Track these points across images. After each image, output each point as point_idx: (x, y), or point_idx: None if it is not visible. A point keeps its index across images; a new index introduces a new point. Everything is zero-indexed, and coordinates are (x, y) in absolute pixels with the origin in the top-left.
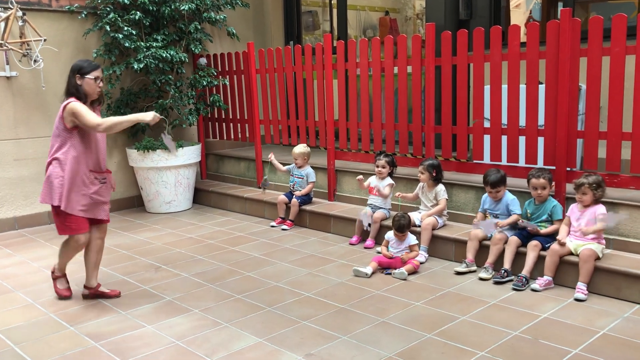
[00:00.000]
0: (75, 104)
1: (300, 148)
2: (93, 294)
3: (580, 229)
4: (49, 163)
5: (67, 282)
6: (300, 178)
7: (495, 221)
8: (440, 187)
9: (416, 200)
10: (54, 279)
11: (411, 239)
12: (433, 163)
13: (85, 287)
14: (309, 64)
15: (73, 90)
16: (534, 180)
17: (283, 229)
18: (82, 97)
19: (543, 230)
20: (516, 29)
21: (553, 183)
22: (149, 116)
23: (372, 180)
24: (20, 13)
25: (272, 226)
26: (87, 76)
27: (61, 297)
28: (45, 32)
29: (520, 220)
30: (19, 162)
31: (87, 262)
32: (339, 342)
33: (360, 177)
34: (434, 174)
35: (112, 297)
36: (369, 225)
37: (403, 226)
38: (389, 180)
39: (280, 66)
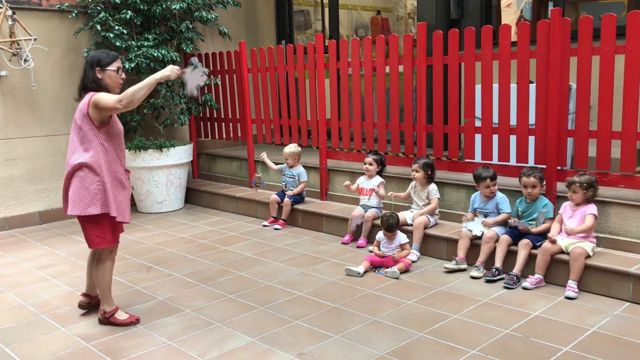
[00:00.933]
0: (98, 94)
1: (291, 148)
2: (95, 303)
3: (566, 229)
4: (77, 168)
5: (123, 311)
6: (291, 178)
7: (482, 220)
8: (433, 187)
9: (408, 199)
10: (109, 318)
11: (401, 237)
12: (427, 162)
13: (86, 295)
14: (300, 63)
15: (93, 85)
16: (524, 178)
17: (275, 229)
18: (102, 92)
19: (534, 229)
20: (507, 28)
21: (544, 182)
22: (167, 71)
23: (361, 181)
24: (10, 12)
25: (265, 225)
26: (109, 68)
27: (134, 322)
28: (36, 32)
29: (512, 220)
30: (9, 162)
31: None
32: (331, 342)
33: (347, 182)
34: (429, 173)
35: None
36: (356, 226)
37: (392, 225)
38: (378, 179)
39: (272, 65)
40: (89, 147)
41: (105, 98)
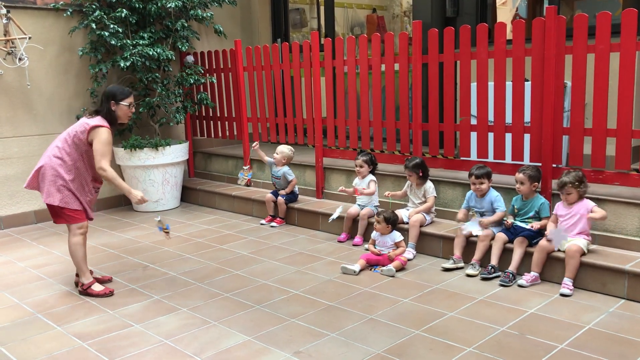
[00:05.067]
0: (107, 134)
1: (286, 150)
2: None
3: (591, 216)
4: (54, 158)
5: (99, 281)
6: (277, 179)
7: (479, 220)
8: (429, 185)
9: (404, 198)
10: (86, 289)
11: (396, 235)
12: (417, 163)
13: (78, 274)
14: (296, 62)
15: (107, 116)
16: (515, 174)
17: (272, 226)
18: (114, 121)
19: (535, 224)
20: (502, 26)
21: (537, 182)
22: (137, 197)
23: (356, 182)
24: (4, 11)
25: (262, 224)
26: (122, 103)
27: (107, 294)
28: (30, 30)
29: (505, 220)
30: (3, 162)
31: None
32: (328, 340)
33: (341, 188)
34: (421, 174)
35: (105, 281)
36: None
37: (388, 218)
38: (370, 178)
39: (268, 64)
40: (72, 152)
41: (104, 151)
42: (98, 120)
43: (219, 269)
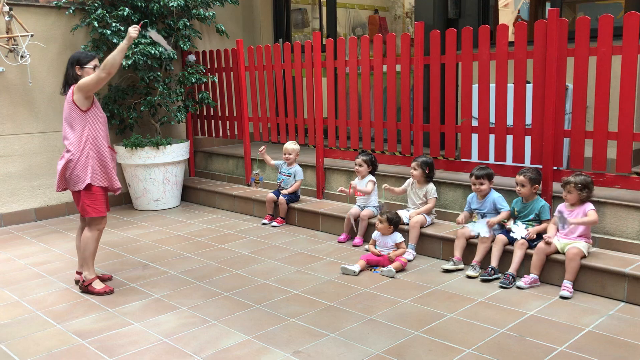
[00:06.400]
0: (79, 81)
1: (293, 144)
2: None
3: (569, 220)
4: (69, 149)
5: (100, 279)
6: (287, 176)
7: (486, 220)
8: (431, 186)
9: (402, 197)
10: (87, 286)
11: (397, 236)
12: (426, 160)
13: (80, 273)
14: (298, 62)
15: (73, 82)
16: (516, 176)
17: (273, 226)
18: None
19: (531, 230)
20: (504, 28)
21: (537, 185)
22: (130, 33)
23: (356, 182)
24: (6, 8)
25: (264, 224)
26: (87, 66)
27: (107, 292)
28: (33, 28)
29: (505, 223)
30: (5, 159)
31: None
32: (327, 340)
33: (341, 188)
34: (427, 171)
35: (105, 279)
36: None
37: (391, 219)
38: (369, 178)
39: (270, 64)
40: (78, 129)
41: (87, 78)
42: (71, 87)
43: (219, 268)
